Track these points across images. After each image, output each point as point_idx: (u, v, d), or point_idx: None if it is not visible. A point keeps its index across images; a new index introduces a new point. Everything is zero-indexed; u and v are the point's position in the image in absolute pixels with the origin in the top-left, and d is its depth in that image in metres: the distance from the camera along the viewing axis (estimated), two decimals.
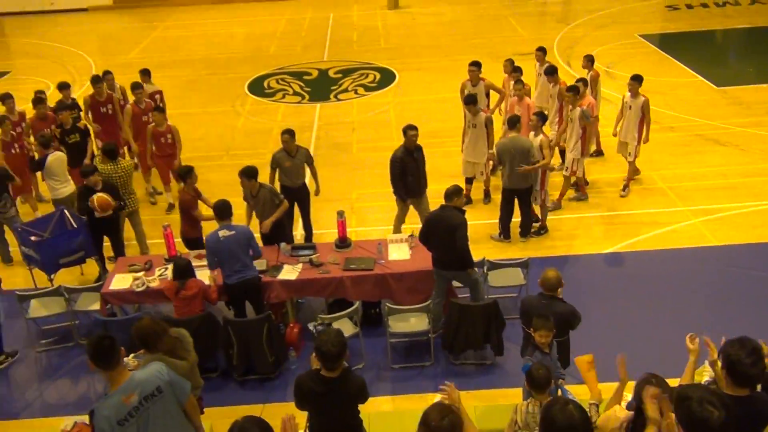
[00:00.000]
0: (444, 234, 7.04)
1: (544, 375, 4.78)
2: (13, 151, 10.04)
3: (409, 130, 8.60)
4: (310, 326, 7.07)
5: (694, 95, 14.26)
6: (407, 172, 8.68)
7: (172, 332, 5.21)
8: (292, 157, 8.80)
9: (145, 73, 11.80)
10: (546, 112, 10.39)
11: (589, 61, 11.16)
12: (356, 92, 15.52)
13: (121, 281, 7.61)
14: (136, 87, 10.90)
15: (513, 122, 9.17)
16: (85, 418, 5.76)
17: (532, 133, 9.27)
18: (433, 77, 16.02)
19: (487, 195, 10.54)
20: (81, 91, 16.18)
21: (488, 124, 9.82)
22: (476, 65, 10.73)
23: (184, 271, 7.00)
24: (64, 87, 11.29)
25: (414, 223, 9.71)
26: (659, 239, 9.37)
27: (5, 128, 10.00)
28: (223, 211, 7.15)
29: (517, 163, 8.84)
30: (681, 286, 8.34)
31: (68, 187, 9.48)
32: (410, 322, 7.28)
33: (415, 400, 6.86)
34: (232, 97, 15.59)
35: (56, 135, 10.09)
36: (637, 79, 10.06)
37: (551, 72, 10.71)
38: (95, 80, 11.18)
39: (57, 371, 7.62)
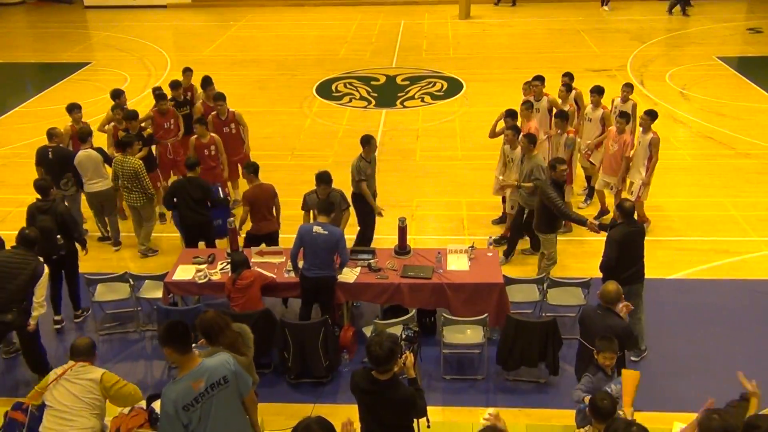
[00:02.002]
0: (640, 245, 7.11)
1: (608, 405, 4.69)
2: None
3: (559, 165, 8.26)
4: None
5: None
6: None
7: (234, 327, 5.29)
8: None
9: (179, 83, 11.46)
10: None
11: (570, 79, 10.62)
12: (422, 100, 15.53)
13: (184, 272, 7.77)
14: (217, 98, 10.53)
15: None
16: (143, 403, 5.91)
17: (507, 146, 9.29)
18: (500, 89, 15.87)
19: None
20: (156, 85, 16.74)
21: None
22: (539, 80, 10.51)
23: (240, 264, 7.22)
24: (173, 84, 11.29)
25: (474, 234, 9.68)
26: (728, 268, 9.04)
27: (115, 116, 10.34)
28: (323, 207, 7.29)
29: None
30: (748, 318, 8.03)
31: (99, 185, 9.51)
32: (466, 334, 7.21)
33: (465, 413, 6.79)
34: (299, 98, 15.82)
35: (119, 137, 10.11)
36: (650, 114, 9.35)
37: (598, 91, 10.16)
38: (205, 83, 11.09)
39: (117, 355, 7.83)
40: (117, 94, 10.91)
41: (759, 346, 7.51)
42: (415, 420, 5.11)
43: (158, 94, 10.86)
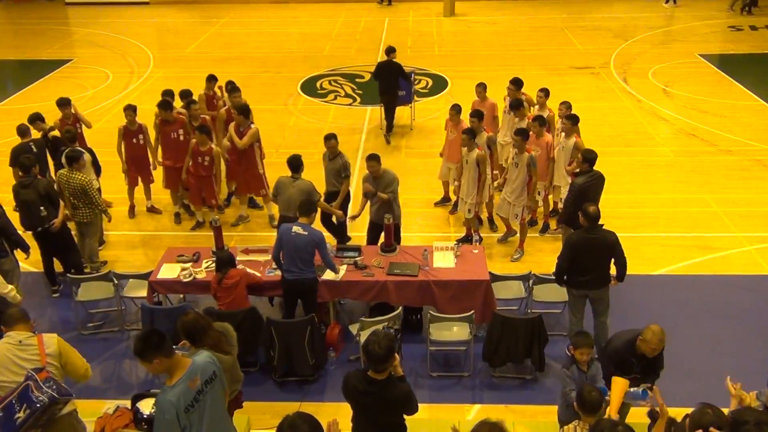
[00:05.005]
0: (600, 253, 6.88)
1: (596, 397, 4.68)
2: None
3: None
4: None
5: (755, 119, 13.86)
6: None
7: (216, 326, 5.25)
8: (330, 160, 9.01)
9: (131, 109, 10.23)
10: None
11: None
12: None
13: (168, 271, 7.72)
14: (241, 111, 10.11)
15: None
16: (127, 403, 5.85)
17: (464, 149, 9.04)
18: None
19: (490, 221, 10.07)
20: (138, 82, 16.63)
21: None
22: (516, 84, 10.47)
23: (225, 262, 7.16)
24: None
25: (455, 231, 9.69)
26: (710, 264, 9.12)
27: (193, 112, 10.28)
28: (303, 208, 7.18)
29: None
30: (730, 313, 8.11)
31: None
32: (452, 331, 7.22)
33: (452, 410, 6.81)
34: (284, 95, 15.76)
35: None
36: (571, 119, 9.20)
37: (516, 106, 9.89)
38: (232, 89, 10.87)
39: (101, 355, 7.76)
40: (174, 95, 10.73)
41: (741, 341, 7.60)
42: None
43: (164, 101, 10.08)
